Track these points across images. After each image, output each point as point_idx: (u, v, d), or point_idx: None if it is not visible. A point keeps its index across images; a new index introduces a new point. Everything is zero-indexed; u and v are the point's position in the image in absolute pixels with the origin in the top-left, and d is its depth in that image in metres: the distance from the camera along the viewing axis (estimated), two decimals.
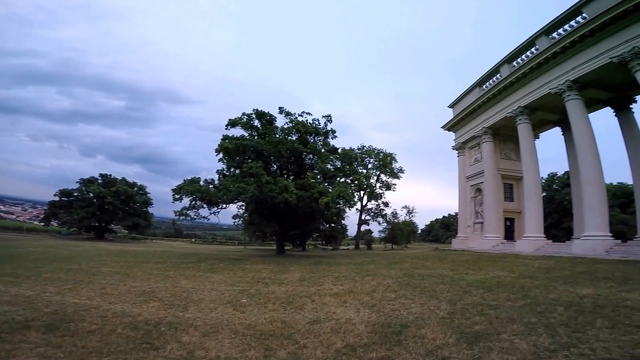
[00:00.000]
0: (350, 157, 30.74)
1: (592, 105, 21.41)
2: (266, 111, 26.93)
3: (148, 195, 57.32)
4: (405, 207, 53.09)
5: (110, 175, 53.65)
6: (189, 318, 6.14)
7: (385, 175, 47.60)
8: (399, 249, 46.05)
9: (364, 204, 46.81)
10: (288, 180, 23.83)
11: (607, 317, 5.28)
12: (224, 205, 24.02)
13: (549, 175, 50.23)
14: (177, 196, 21.87)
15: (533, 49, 21.62)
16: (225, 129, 25.79)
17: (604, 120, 23.17)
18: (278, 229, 28.91)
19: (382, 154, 47.15)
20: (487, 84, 26.57)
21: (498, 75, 25.15)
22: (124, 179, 54.55)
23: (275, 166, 27.46)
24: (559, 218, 40.81)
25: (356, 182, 30.62)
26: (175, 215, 23.06)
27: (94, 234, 50.27)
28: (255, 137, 25.97)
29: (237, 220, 34.75)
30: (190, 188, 21.88)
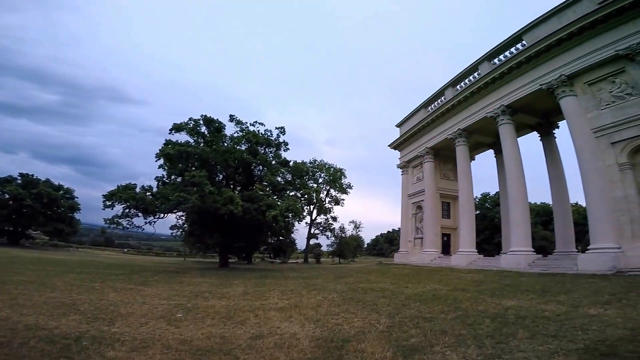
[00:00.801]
0: (301, 171, 30.79)
1: (521, 129, 24.00)
2: (215, 118, 26.17)
3: (75, 199, 53.25)
4: (352, 221, 54.60)
5: (32, 175, 48.74)
6: (116, 332, 5.69)
7: (335, 190, 48.57)
8: (345, 262, 47.11)
9: (313, 217, 47.16)
10: (234, 192, 23.20)
11: (528, 327, 5.79)
12: (162, 215, 22.38)
13: (482, 194, 55.75)
14: (108, 203, 20.14)
15: (476, 74, 23.38)
16: (169, 133, 24.51)
17: (537, 144, 25.43)
18: (221, 240, 27.65)
19: (332, 169, 48.14)
20: (433, 105, 28.29)
21: (443, 98, 26.84)
22: (48, 180, 50.17)
23: (221, 176, 26.63)
24: (490, 234, 45.12)
25: (306, 196, 30.73)
26: (105, 223, 21.12)
27: (7, 240, 44.89)
28: (202, 145, 24.96)
29: (175, 231, 32.59)
30: (125, 195, 20.17)
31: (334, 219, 49.10)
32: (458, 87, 25.16)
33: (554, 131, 23.68)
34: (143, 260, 37.73)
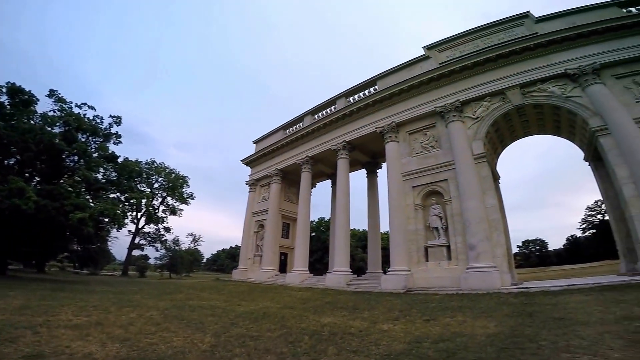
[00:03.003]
0: (131, 171, 27.01)
1: (355, 165, 28.37)
2: (28, 90, 20.45)
3: None
4: (191, 234, 51.37)
5: None
6: None
7: (173, 198, 44.59)
8: (178, 278, 43.20)
9: (140, 226, 41.43)
10: (28, 184, 18.31)
11: (337, 343, 6.36)
12: None
13: (319, 219, 62.87)
14: None
15: (333, 107, 26.26)
16: None
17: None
18: None
19: (174, 175, 44.22)
20: (291, 129, 30.08)
21: (301, 124, 28.97)
22: None
23: (14, 160, 20.60)
24: (322, 254, 50.90)
25: (133, 200, 26.89)
26: None
27: None
28: None
29: None
30: None
31: (167, 229, 44.64)
32: (316, 116, 27.53)
33: (377, 170, 29.01)
34: None
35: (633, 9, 16.69)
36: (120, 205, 24.80)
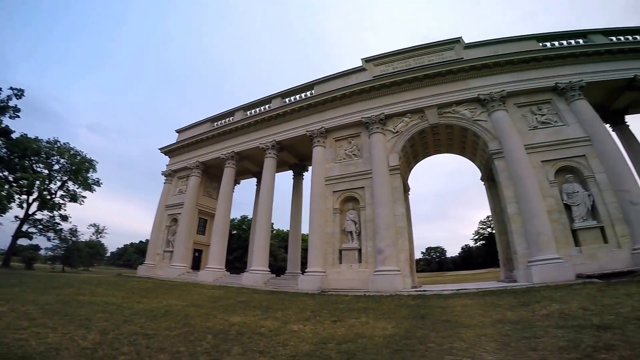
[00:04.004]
0: (26, 148, 23.69)
1: (282, 166, 28.53)
2: None
3: None
4: (94, 225, 46.31)
5: None
6: None
7: (76, 183, 39.90)
8: (73, 272, 38.58)
9: (29, 211, 36.20)
10: None
11: (243, 343, 6.28)
12: None
13: (241, 217, 61.83)
14: None
15: (267, 106, 26.13)
16: None
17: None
18: None
19: (79, 157, 39.50)
20: (220, 122, 29.12)
21: (231, 118, 28.23)
22: None
23: None
24: (242, 253, 50.12)
25: (23, 181, 23.61)
26: None
27: None
28: None
29: None
30: None
31: (64, 217, 39.74)
32: (248, 112, 27.13)
33: (304, 173, 29.57)
34: None
35: (548, 44, 19.75)
36: (6, 187, 21.55)
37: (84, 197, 40.66)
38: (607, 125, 19.21)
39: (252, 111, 27.14)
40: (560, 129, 17.24)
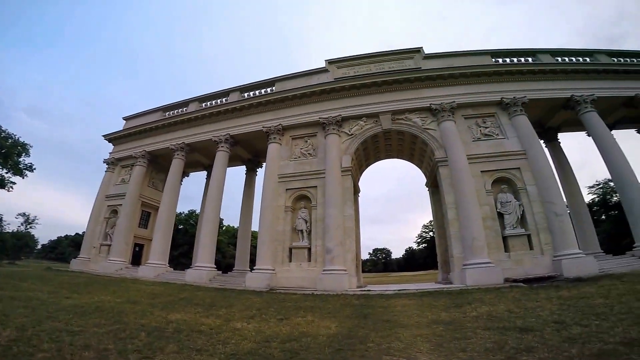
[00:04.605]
0: None
1: (235, 160, 28.11)
2: None
3: None
4: (23, 214, 42.52)
5: None
6: None
7: (5, 167, 36.54)
8: None
9: None
10: None
11: (180, 341, 6.09)
12: None
13: (189, 211, 59.82)
14: None
15: (225, 99, 25.58)
16: None
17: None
18: None
19: (10, 140, 36.38)
20: (173, 112, 27.92)
21: (185, 109, 27.17)
22: None
23: None
24: (188, 249, 48.54)
25: None
26: None
27: None
28: None
29: None
30: None
31: None
32: (204, 104, 26.41)
33: (257, 169, 29.39)
34: None
35: (500, 60, 21.29)
36: None
37: (14, 182, 37.27)
38: (542, 141, 21.08)
39: (208, 103, 26.49)
40: (501, 142, 18.79)
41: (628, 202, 17.47)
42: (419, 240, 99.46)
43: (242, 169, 29.83)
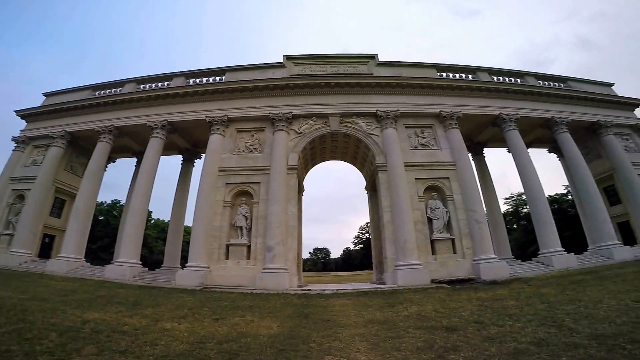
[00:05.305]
0: None
1: (171, 149, 26.72)
2: None
3: None
4: None
5: None
6: None
7: None
8: None
9: None
10: None
11: (99, 342, 5.66)
12: None
13: (113, 201, 55.04)
14: None
15: (167, 83, 24.17)
16: None
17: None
18: None
19: None
20: (105, 92, 25.57)
21: (120, 89, 25.03)
22: None
23: None
24: (110, 242, 44.57)
25: None
26: None
27: None
28: None
29: None
30: None
31: None
32: (142, 86, 24.70)
33: (195, 160, 28.24)
34: None
35: (444, 74, 23.16)
36: None
37: None
38: (470, 155, 23.34)
39: (147, 86, 24.75)
40: (435, 153, 20.52)
41: (536, 214, 20.27)
42: (356, 241, 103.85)
43: (177, 159, 28.33)
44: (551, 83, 25.47)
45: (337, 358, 5.20)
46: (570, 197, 40.90)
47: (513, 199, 55.57)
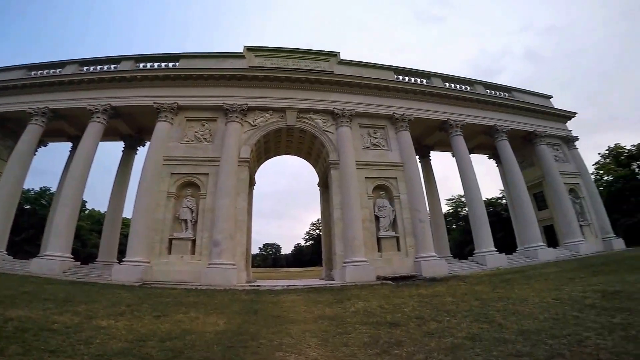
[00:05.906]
0: None
1: (112, 135, 24.96)
2: None
3: None
4: None
5: None
6: None
7: None
8: None
9: None
10: None
11: (26, 341, 5.30)
12: None
13: (41, 188, 50.29)
14: None
15: (114, 66, 22.72)
16: None
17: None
18: None
19: None
20: (42, 72, 23.40)
21: (59, 70, 23.02)
22: None
23: None
24: (36, 234, 40.77)
25: None
26: None
27: None
28: None
29: None
30: None
31: None
32: (85, 68, 23.01)
33: (138, 147, 26.80)
34: None
35: (400, 77, 23.88)
36: None
37: None
38: (417, 157, 24.40)
39: (91, 68, 23.07)
40: (385, 153, 21.40)
41: (473, 216, 22.01)
42: (307, 237, 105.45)
43: (117, 146, 26.50)
44: (498, 92, 27.46)
45: (287, 354, 5.20)
46: (504, 201, 44.64)
47: (453, 200, 59.48)
